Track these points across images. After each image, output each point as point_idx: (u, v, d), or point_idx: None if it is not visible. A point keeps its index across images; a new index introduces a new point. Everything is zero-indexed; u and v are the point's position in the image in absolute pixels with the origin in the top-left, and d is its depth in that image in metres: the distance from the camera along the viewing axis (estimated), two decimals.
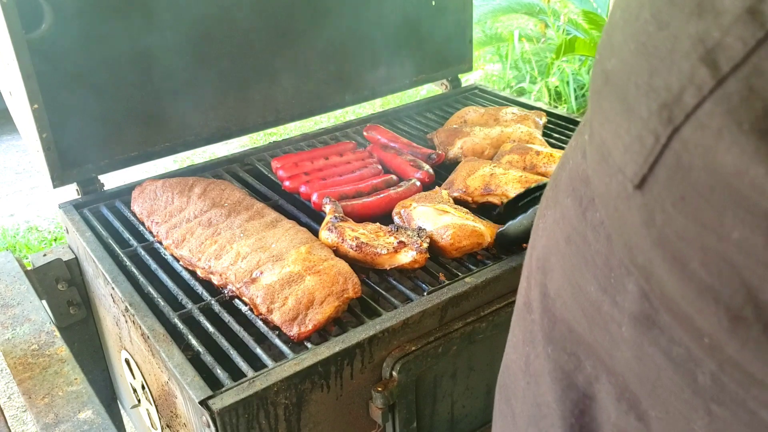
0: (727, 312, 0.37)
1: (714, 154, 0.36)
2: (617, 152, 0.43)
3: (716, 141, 0.35)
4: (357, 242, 1.42)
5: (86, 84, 1.72)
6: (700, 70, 0.36)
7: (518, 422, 0.66)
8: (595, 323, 0.51)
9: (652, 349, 0.46)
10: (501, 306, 1.39)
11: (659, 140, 0.39)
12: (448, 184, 1.72)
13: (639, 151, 0.41)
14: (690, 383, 0.44)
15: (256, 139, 4.79)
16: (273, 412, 1.15)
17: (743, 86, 0.34)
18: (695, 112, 0.37)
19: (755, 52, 0.34)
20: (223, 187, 1.69)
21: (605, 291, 0.49)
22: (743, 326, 0.36)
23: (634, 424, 0.50)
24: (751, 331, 0.36)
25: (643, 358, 0.47)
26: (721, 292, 0.37)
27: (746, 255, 0.35)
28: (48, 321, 1.44)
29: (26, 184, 4.74)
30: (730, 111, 0.35)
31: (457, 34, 2.39)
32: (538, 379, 0.61)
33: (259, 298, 1.31)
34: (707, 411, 0.43)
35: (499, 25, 6.28)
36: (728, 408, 0.42)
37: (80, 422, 1.17)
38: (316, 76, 2.13)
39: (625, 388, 0.50)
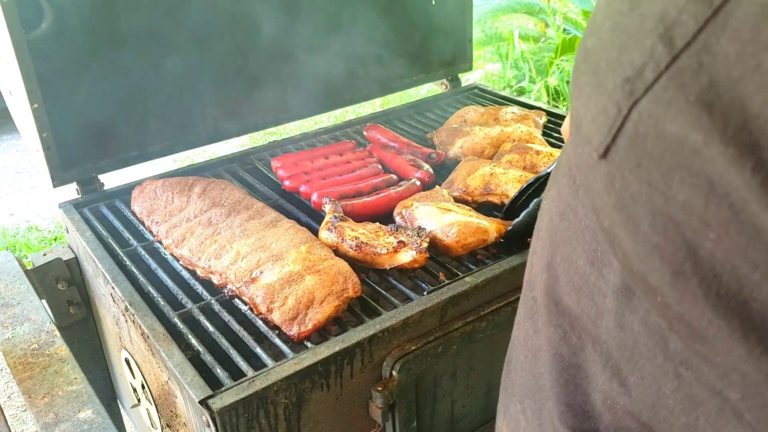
0: (670, 267, 0.40)
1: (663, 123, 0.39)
2: (586, 123, 0.46)
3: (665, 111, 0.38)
4: (357, 242, 1.42)
5: (86, 83, 1.72)
6: (659, 47, 0.39)
7: (516, 393, 0.69)
8: (583, 294, 0.54)
9: (631, 317, 0.49)
10: (501, 305, 1.39)
11: (621, 112, 0.42)
12: (448, 184, 1.72)
13: (603, 122, 0.44)
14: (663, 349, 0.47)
15: (256, 139, 4.79)
16: (273, 411, 1.15)
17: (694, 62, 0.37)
18: (653, 86, 0.40)
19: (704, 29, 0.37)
20: (223, 187, 1.69)
21: (593, 264, 0.52)
22: (683, 279, 0.40)
23: (617, 389, 0.53)
24: (688, 283, 0.39)
25: (624, 327, 0.50)
26: (665, 250, 0.40)
27: (689, 215, 0.38)
28: (48, 320, 1.44)
29: (26, 184, 4.74)
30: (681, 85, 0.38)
31: (457, 33, 2.39)
32: (536, 353, 0.64)
33: (259, 298, 1.31)
34: (676, 374, 0.46)
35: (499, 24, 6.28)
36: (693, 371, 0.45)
37: (80, 422, 1.17)
38: (315, 75, 2.13)
39: (609, 356, 0.53)
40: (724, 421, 0.44)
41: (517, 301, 1.44)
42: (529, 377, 0.66)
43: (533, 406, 0.65)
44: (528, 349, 0.66)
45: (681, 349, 0.46)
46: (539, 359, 0.63)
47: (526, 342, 0.67)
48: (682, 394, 0.47)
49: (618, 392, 0.53)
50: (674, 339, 0.46)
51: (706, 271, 0.38)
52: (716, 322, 0.39)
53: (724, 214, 0.37)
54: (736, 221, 0.36)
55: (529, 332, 0.66)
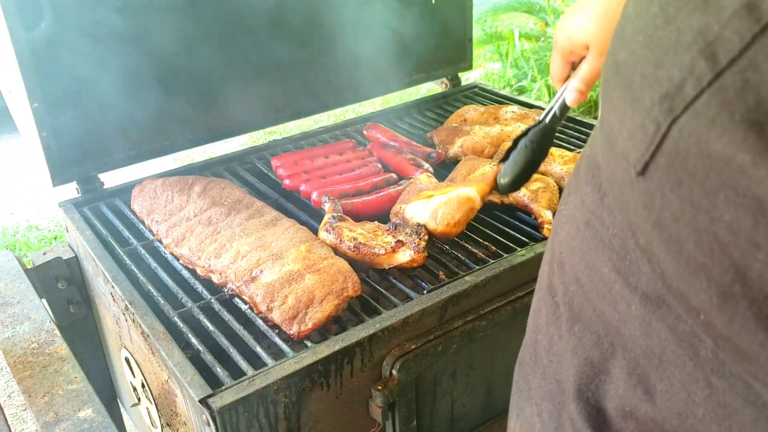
0: (717, 289, 0.39)
1: (707, 141, 0.38)
2: (622, 139, 0.45)
3: (709, 129, 0.37)
4: (354, 243, 1.42)
5: (86, 82, 1.72)
6: (700, 63, 0.38)
7: (534, 396, 0.69)
8: (606, 302, 0.54)
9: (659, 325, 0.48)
10: (501, 304, 1.39)
11: (660, 129, 0.41)
12: (448, 182, 1.72)
13: (641, 139, 0.43)
14: (692, 357, 0.46)
15: (256, 138, 4.78)
16: (273, 410, 1.15)
17: (739, 79, 0.36)
18: (694, 103, 0.39)
19: (751, 46, 0.35)
20: (223, 186, 1.69)
21: (619, 272, 0.52)
22: (732, 302, 0.38)
23: (641, 397, 0.52)
24: (738, 306, 0.38)
25: (650, 335, 0.49)
26: (712, 271, 0.39)
27: (736, 235, 0.37)
28: (48, 319, 1.44)
29: (26, 183, 4.74)
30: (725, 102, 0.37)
31: (456, 32, 2.39)
32: (561, 358, 0.63)
33: (258, 297, 1.31)
34: (707, 383, 0.46)
35: (499, 23, 6.27)
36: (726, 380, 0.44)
37: (80, 421, 1.17)
38: (315, 74, 2.13)
39: (636, 364, 0.53)
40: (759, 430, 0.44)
41: (517, 300, 1.45)
42: (551, 381, 0.65)
43: (551, 409, 0.65)
44: (553, 354, 0.66)
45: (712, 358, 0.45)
46: (564, 364, 0.63)
47: (551, 347, 0.66)
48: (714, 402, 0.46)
49: (641, 399, 0.53)
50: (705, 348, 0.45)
51: (756, 293, 0.37)
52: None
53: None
54: None
55: (554, 338, 0.65)
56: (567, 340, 0.62)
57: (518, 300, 1.40)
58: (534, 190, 1.62)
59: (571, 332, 0.61)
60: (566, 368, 0.62)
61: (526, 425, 0.69)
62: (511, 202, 1.64)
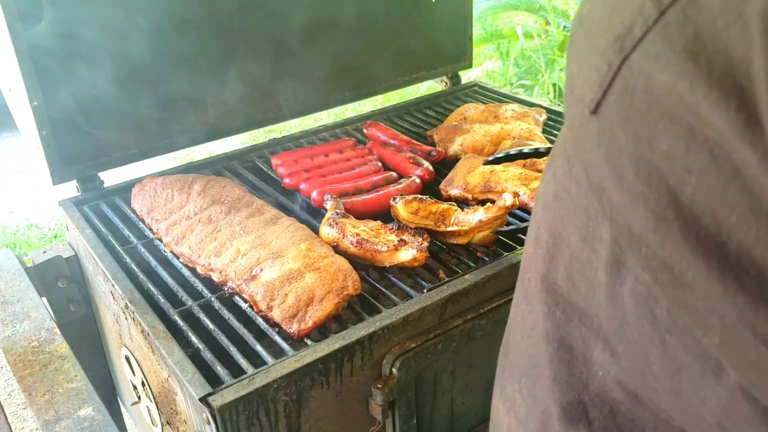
0: (653, 214, 0.43)
1: (652, 75, 0.41)
2: (579, 82, 0.49)
3: (654, 64, 0.41)
4: (358, 238, 1.42)
5: (86, 81, 1.72)
6: (647, 4, 0.42)
7: (513, 372, 0.73)
8: (575, 270, 0.58)
9: (621, 289, 0.52)
10: (501, 303, 1.39)
11: (612, 68, 0.45)
12: (447, 182, 1.72)
13: (595, 80, 0.46)
14: (649, 317, 0.50)
15: (256, 136, 4.78)
16: (273, 408, 1.15)
17: (680, 15, 0.40)
18: (642, 41, 0.42)
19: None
20: (223, 184, 1.69)
21: (585, 239, 0.56)
22: (665, 224, 0.42)
23: (609, 360, 0.56)
24: (670, 227, 0.42)
25: (614, 299, 0.53)
26: (649, 197, 0.43)
27: (671, 162, 0.41)
28: (48, 318, 1.44)
29: (26, 182, 4.74)
30: (668, 37, 0.40)
31: (457, 30, 2.39)
32: (531, 332, 0.67)
33: (259, 295, 1.31)
34: (662, 341, 0.50)
35: (500, 21, 6.26)
36: (678, 337, 0.48)
37: (80, 419, 1.17)
38: (316, 73, 2.13)
39: (600, 329, 0.57)
40: (704, 381, 0.47)
41: None
42: (524, 356, 0.69)
43: (528, 384, 0.68)
44: (524, 329, 0.69)
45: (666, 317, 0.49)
46: (533, 338, 0.66)
47: (522, 323, 0.70)
48: (667, 359, 0.50)
49: (610, 362, 0.56)
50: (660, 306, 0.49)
51: (686, 216, 0.41)
52: (695, 263, 0.41)
53: (704, 160, 0.39)
54: (715, 166, 0.39)
55: (525, 313, 0.69)
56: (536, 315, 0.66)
57: None
58: (534, 188, 1.62)
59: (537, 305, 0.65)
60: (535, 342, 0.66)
61: (509, 402, 0.73)
62: None
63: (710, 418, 0.48)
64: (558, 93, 5.10)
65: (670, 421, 0.52)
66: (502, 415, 0.75)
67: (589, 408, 0.59)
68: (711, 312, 0.42)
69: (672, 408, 0.51)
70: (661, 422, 0.53)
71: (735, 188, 0.38)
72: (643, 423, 0.54)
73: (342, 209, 1.54)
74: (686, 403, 0.50)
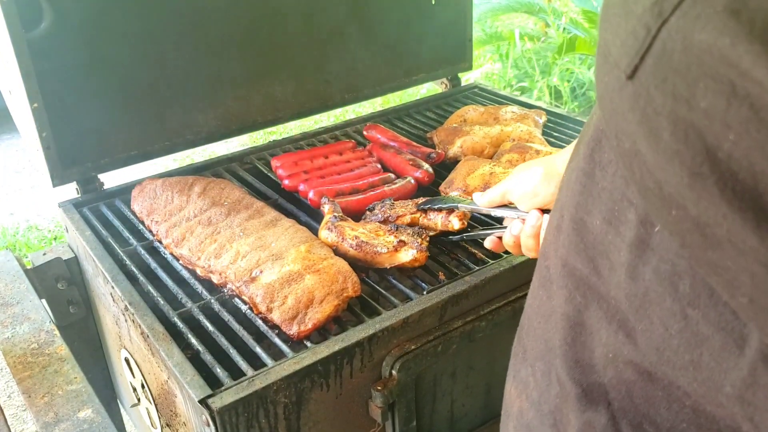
0: (689, 170, 0.44)
1: (692, 35, 0.42)
2: (615, 49, 0.50)
3: (694, 24, 0.42)
4: (357, 241, 1.42)
5: (86, 83, 1.72)
6: None
7: (528, 357, 0.74)
8: (597, 253, 0.59)
9: (644, 268, 0.54)
10: (501, 305, 1.39)
11: (650, 32, 0.46)
12: (447, 183, 1.72)
13: (632, 45, 0.47)
14: (671, 292, 0.52)
15: (256, 138, 4.78)
16: (272, 410, 1.15)
17: None
18: (680, 5, 0.43)
19: None
20: (223, 186, 1.69)
21: (610, 223, 0.57)
22: (700, 180, 0.43)
23: (623, 341, 0.57)
24: (706, 183, 0.43)
25: (636, 277, 0.55)
26: (685, 155, 0.44)
27: (711, 119, 0.42)
28: (48, 320, 1.44)
29: (26, 183, 4.74)
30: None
31: (457, 32, 2.39)
32: (548, 318, 0.69)
33: (258, 297, 1.31)
34: (683, 315, 0.51)
35: (499, 24, 6.27)
36: (701, 310, 0.49)
37: (80, 421, 1.17)
38: (315, 74, 2.13)
39: (616, 311, 0.58)
40: (726, 353, 0.48)
41: (517, 301, 1.45)
42: (540, 341, 0.70)
43: (542, 368, 0.70)
44: (541, 315, 0.71)
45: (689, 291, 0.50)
46: (551, 323, 0.68)
47: (539, 309, 0.71)
48: (688, 332, 0.51)
49: (623, 343, 0.57)
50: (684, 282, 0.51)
51: (723, 170, 0.42)
52: (731, 216, 0.42)
53: (744, 115, 0.40)
54: (756, 119, 0.39)
55: (543, 299, 0.71)
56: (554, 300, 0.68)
57: (518, 300, 1.40)
58: None
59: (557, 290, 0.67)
60: (551, 327, 0.68)
61: (521, 386, 0.74)
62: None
63: (730, 390, 0.49)
64: (555, 96, 5.10)
65: (683, 399, 0.53)
66: (513, 399, 0.76)
67: (609, 389, 0.60)
68: (742, 270, 0.43)
69: (689, 383, 0.52)
70: (674, 401, 0.54)
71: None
72: (657, 402, 0.55)
73: (340, 212, 1.54)
74: (706, 376, 0.50)
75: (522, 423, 0.73)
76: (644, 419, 0.57)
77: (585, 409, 0.62)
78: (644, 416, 0.57)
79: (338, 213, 1.53)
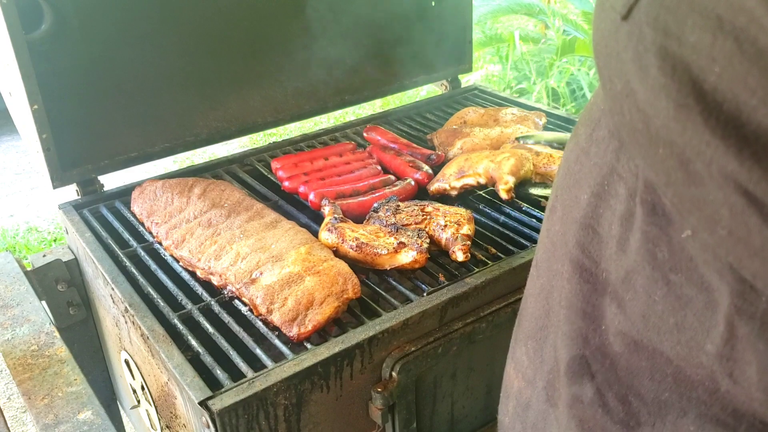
0: (675, 103, 0.46)
1: None
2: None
3: None
4: (357, 242, 1.42)
5: (86, 85, 1.72)
6: None
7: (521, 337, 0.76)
8: (584, 226, 0.62)
9: (631, 238, 0.56)
10: (501, 306, 1.39)
11: None
12: (434, 181, 1.75)
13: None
14: (650, 261, 0.54)
15: (256, 140, 4.79)
16: (273, 412, 1.15)
17: None
18: None
19: None
20: (223, 188, 1.69)
21: (599, 196, 0.60)
22: (686, 111, 0.45)
23: (615, 311, 0.59)
24: (691, 113, 0.45)
25: (624, 248, 0.57)
26: (671, 88, 0.46)
27: (698, 53, 0.44)
28: (48, 322, 1.44)
29: (26, 185, 4.74)
30: None
31: (457, 34, 2.39)
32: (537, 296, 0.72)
33: (258, 299, 1.31)
34: (666, 281, 0.53)
35: (499, 25, 6.27)
36: (683, 274, 0.52)
37: (80, 423, 1.17)
38: (315, 76, 2.13)
39: (607, 283, 0.60)
40: (709, 312, 0.51)
41: (517, 302, 1.45)
42: (532, 319, 0.73)
43: (535, 345, 0.72)
44: (531, 293, 0.74)
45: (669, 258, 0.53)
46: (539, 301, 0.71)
47: (531, 288, 0.74)
48: (672, 296, 0.53)
49: (615, 314, 0.59)
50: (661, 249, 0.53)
51: (708, 101, 0.44)
52: (714, 143, 0.44)
53: (729, 48, 0.42)
54: (740, 52, 0.41)
55: (534, 278, 0.73)
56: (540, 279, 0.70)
57: (518, 302, 1.40)
58: (498, 161, 1.66)
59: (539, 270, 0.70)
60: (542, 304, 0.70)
61: (517, 364, 0.77)
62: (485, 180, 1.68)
63: (710, 347, 0.51)
64: (553, 98, 5.10)
65: (665, 367, 0.55)
66: (512, 379, 0.78)
67: (591, 362, 0.62)
68: (722, 202, 0.44)
69: (672, 347, 0.54)
70: (656, 370, 0.56)
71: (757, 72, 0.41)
72: (641, 372, 0.57)
73: (340, 213, 1.54)
74: (689, 336, 0.52)
75: (521, 402, 0.75)
76: (629, 391, 0.59)
77: (572, 383, 0.64)
78: (629, 388, 0.59)
79: (338, 215, 1.53)
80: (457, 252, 1.43)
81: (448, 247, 1.46)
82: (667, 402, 0.56)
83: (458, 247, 1.43)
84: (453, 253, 1.44)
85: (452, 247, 1.44)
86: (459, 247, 1.43)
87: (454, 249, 1.44)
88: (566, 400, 0.65)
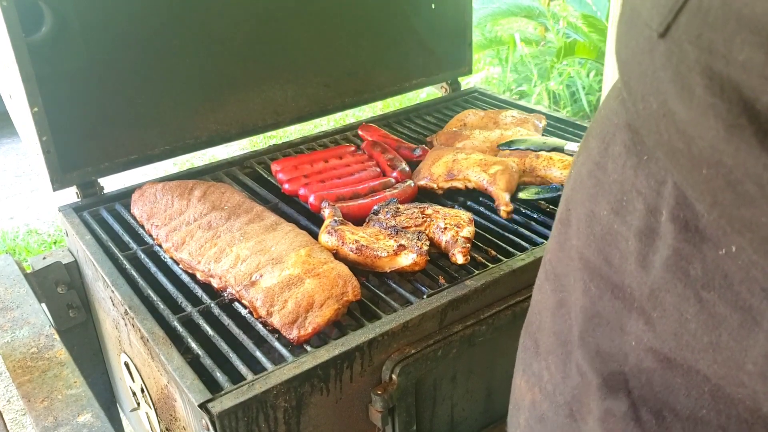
0: (724, 123, 0.44)
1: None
2: (645, 10, 0.51)
3: None
4: (357, 245, 1.42)
5: (86, 87, 1.72)
6: None
7: (540, 351, 0.75)
8: (606, 243, 0.61)
9: (653, 257, 0.54)
10: (501, 309, 1.39)
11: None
12: (416, 173, 1.78)
13: (665, 4, 0.48)
14: (682, 278, 0.52)
15: (256, 142, 4.79)
16: (272, 415, 1.15)
17: None
18: None
19: None
20: (223, 190, 1.69)
21: (617, 213, 0.59)
22: (738, 131, 0.43)
23: (643, 328, 0.58)
24: (744, 134, 0.43)
25: (646, 266, 0.56)
26: (720, 108, 0.44)
27: (749, 72, 0.42)
28: (47, 324, 1.44)
29: (26, 187, 4.74)
30: None
31: (456, 37, 2.40)
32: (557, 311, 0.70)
33: (258, 301, 1.31)
34: (698, 299, 0.52)
35: (499, 28, 6.28)
36: (717, 291, 0.50)
37: (79, 425, 1.16)
38: (315, 79, 2.13)
39: (633, 299, 0.58)
40: (745, 331, 0.49)
41: (517, 305, 1.45)
42: (551, 335, 0.71)
43: (556, 361, 0.70)
44: (547, 309, 0.72)
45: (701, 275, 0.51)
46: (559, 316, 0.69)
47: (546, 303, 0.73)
48: (705, 314, 0.51)
49: (643, 330, 0.58)
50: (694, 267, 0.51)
51: (761, 121, 0.42)
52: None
53: None
54: None
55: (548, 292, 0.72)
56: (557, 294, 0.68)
57: (518, 304, 1.40)
58: (493, 173, 1.65)
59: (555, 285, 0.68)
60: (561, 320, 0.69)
61: (534, 379, 0.75)
62: (474, 186, 1.69)
63: (752, 368, 0.49)
64: (553, 100, 5.11)
65: (702, 385, 0.53)
66: (524, 392, 0.77)
67: (629, 378, 0.61)
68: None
69: (709, 365, 0.52)
70: (693, 387, 0.54)
71: None
72: (676, 389, 0.56)
73: (340, 216, 1.54)
74: (726, 356, 0.50)
75: (535, 414, 0.74)
76: (664, 406, 0.57)
77: (605, 397, 0.63)
78: (664, 404, 0.57)
79: (338, 217, 1.53)
80: (457, 254, 1.43)
81: (448, 250, 1.46)
82: (704, 419, 0.54)
83: (458, 250, 1.43)
84: (453, 256, 1.44)
85: (452, 250, 1.44)
86: (459, 250, 1.43)
87: (454, 251, 1.44)
88: (598, 414, 0.64)
